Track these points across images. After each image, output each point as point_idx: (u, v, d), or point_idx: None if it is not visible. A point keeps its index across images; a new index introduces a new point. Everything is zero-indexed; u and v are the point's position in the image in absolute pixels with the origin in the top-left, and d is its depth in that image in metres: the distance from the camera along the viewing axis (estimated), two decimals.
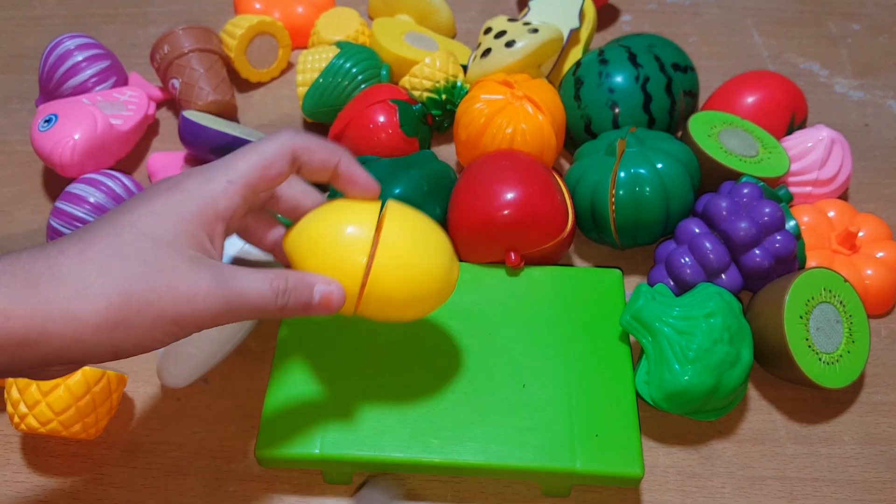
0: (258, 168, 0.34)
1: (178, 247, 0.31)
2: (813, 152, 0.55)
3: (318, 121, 0.63)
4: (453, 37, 0.73)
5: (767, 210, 0.48)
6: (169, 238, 0.31)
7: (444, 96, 0.60)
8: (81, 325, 0.29)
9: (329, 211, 0.37)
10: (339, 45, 0.62)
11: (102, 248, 0.30)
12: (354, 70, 0.60)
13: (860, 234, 0.53)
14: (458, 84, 0.61)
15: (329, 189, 0.51)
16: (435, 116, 0.61)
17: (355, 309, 0.37)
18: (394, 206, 0.38)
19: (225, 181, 0.33)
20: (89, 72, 0.63)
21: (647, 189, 0.50)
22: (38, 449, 0.47)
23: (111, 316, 0.30)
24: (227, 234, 0.35)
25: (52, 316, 0.29)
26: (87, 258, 0.30)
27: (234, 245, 0.46)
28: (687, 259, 0.49)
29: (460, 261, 0.51)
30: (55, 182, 0.62)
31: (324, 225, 0.37)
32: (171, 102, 0.68)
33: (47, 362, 0.30)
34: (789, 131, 0.59)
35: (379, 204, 0.38)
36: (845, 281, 0.48)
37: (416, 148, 0.56)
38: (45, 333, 0.29)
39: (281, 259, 0.40)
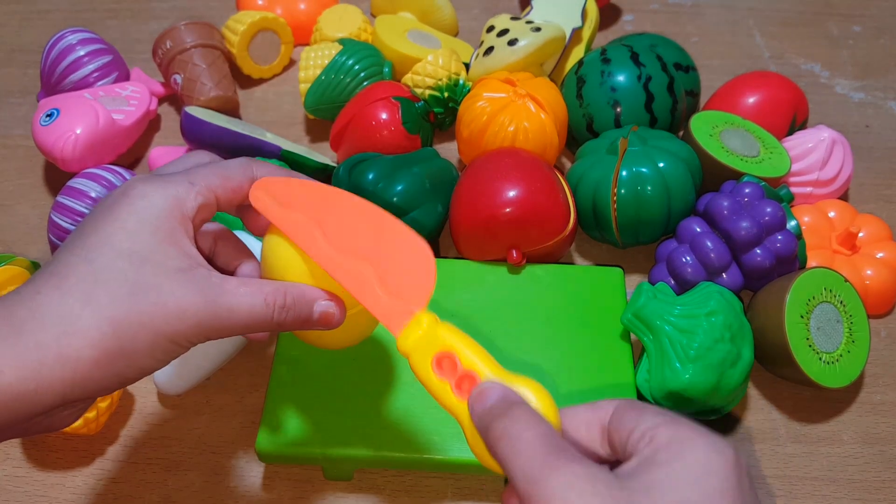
0: (218, 176, 0.33)
1: (159, 259, 0.30)
2: (814, 153, 0.55)
3: (320, 118, 0.63)
4: (456, 35, 0.73)
5: (769, 210, 0.48)
6: (146, 252, 0.30)
7: (446, 94, 0.60)
8: (79, 363, 0.28)
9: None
10: (341, 42, 0.62)
11: (80, 277, 0.29)
12: (357, 67, 0.60)
13: (860, 234, 0.53)
14: (461, 82, 0.61)
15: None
16: (437, 114, 0.61)
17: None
18: None
19: (186, 182, 0.32)
20: (91, 66, 0.62)
21: (649, 188, 0.50)
22: (39, 444, 0.47)
23: (108, 347, 0.28)
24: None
25: (45, 361, 0.27)
26: (66, 291, 0.28)
27: None
28: (688, 258, 0.49)
29: (462, 258, 0.52)
30: (56, 176, 0.61)
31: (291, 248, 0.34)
32: (173, 98, 0.68)
33: (50, 409, 0.28)
34: (790, 132, 0.59)
35: None
36: (846, 281, 0.48)
37: (418, 145, 0.56)
38: (42, 381, 0.27)
39: None
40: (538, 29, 0.58)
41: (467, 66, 0.63)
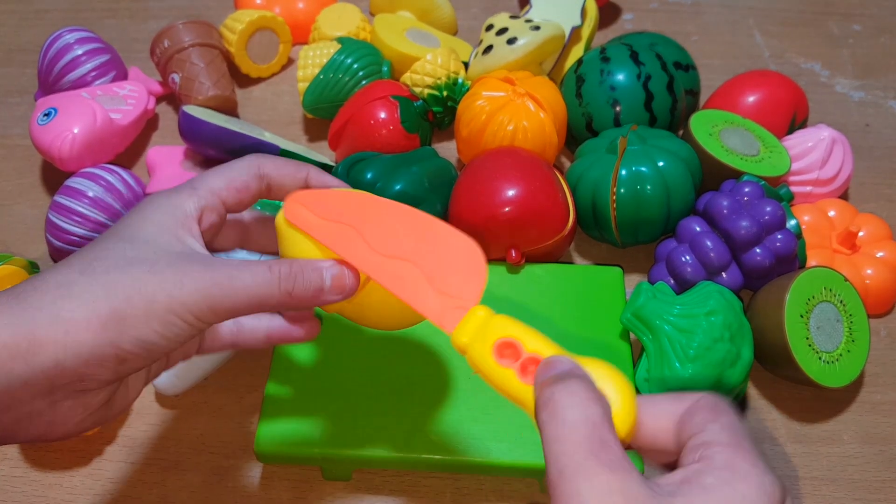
0: (222, 177, 0.34)
1: (160, 243, 0.31)
2: (814, 152, 0.55)
3: (319, 117, 0.63)
4: (455, 34, 0.73)
5: (768, 209, 0.48)
6: (148, 238, 0.31)
7: (445, 93, 0.60)
8: (71, 323, 0.28)
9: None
10: (340, 40, 0.62)
11: (82, 257, 0.30)
12: (355, 66, 0.60)
13: (860, 233, 0.53)
14: (460, 81, 0.60)
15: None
16: (436, 113, 0.61)
17: (359, 290, 0.34)
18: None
19: (189, 188, 0.33)
20: (89, 66, 0.62)
21: (649, 187, 0.50)
22: (36, 444, 0.46)
23: (101, 309, 0.28)
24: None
25: (39, 320, 0.28)
26: (67, 265, 0.30)
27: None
28: (688, 257, 0.49)
29: None
30: (54, 176, 0.61)
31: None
32: (171, 97, 0.68)
33: (48, 382, 0.28)
34: (790, 131, 0.59)
35: None
36: (846, 280, 0.48)
37: (416, 144, 0.56)
38: (35, 340, 0.27)
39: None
40: (537, 27, 0.58)
41: (466, 64, 0.63)
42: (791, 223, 0.49)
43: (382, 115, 0.55)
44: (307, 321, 0.37)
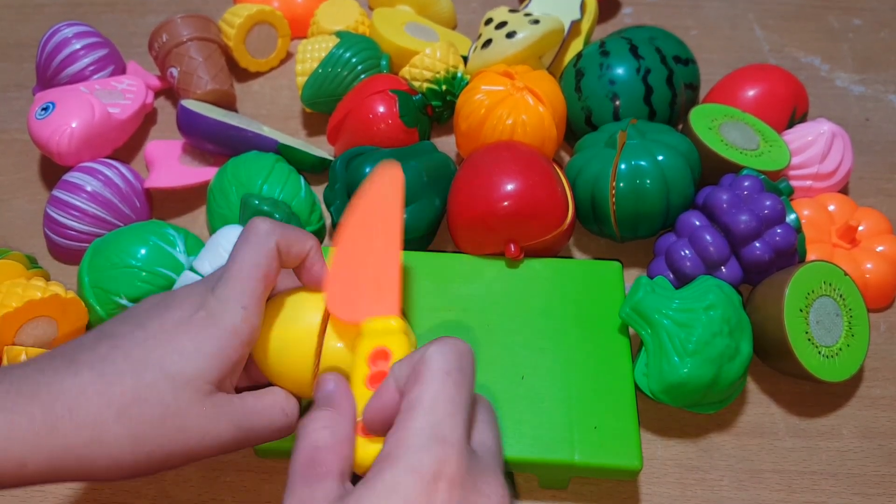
0: (261, 280, 0.34)
1: (198, 384, 0.32)
2: (814, 146, 0.55)
3: (317, 111, 0.63)
4: (454, 28, 0.73)
5: (768, 203, 0.48)
6: (190, 375, 0.32)
7: (444, 87, 0.60)
8: (93, 470, 0.30)
9: (282, 316, 0.37)
10: (338, 34, 0.62)
11: (124, 391, 0.31)
12: (354, 60, 0.60)
13: (860, 228, 0.53)
14: (459, 75, 0.60)
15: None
16: (435, 107, 0.61)
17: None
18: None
19: (240, 308, 0.33)
20: (87, 60, 0.62)
21: (648, 181, 0.49)
22: None
23: (123, 462, 0.31)
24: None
25: (66, 462, 0.30)
26: (107, 400, 0.30)
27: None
28: (687, 251, 0.48)
29: (459, 252, 0.51)
30: (52, 170, 0.61)
31: (278, 330, 0.36)
32: (170, 91, 0.68)
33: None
34: (790, 125, 0.59)
35: (321, 295, 0.37)
36: (845, 274, 0.47)
37: (415, 139, 0.56)
38: (57, 476, 0.30)
39: None
40: (536, 21, 0.58)
41: (465, 59, 0.62)
42: (791, 217, 0.49)
43: (381, 109, 0.55)
44: None
